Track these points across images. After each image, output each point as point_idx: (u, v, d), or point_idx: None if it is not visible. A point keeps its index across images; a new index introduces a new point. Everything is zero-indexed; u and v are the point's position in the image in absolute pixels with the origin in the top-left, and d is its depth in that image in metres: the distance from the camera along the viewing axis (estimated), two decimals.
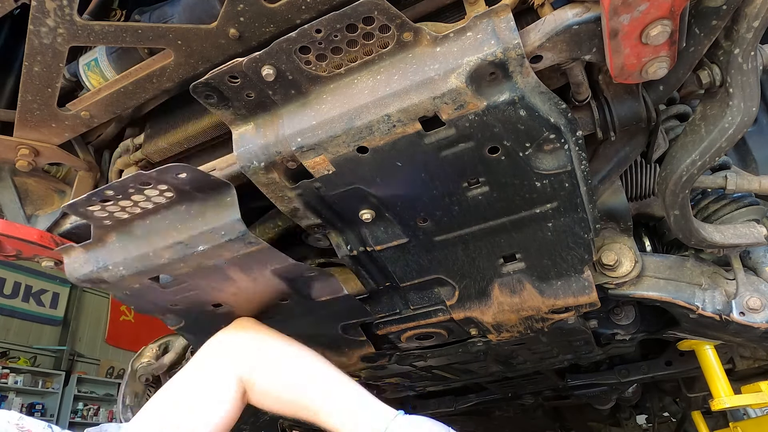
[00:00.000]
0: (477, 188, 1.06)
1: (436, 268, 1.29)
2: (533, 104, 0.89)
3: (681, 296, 1.31)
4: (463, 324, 1.47)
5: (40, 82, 1.09)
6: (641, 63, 0.85)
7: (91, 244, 1.18)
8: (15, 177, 1.36)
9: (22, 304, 10.21)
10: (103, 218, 1.10)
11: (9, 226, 1.26)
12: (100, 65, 1.16)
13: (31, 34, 1.00)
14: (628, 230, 1.34)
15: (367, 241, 1.22)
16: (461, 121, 0.91)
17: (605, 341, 1.82)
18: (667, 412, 3.56)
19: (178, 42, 1.00)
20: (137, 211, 1.10)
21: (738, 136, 0.97)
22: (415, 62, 0.89)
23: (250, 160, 1.01)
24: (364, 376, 1.95)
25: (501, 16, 0.85)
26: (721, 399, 1.77)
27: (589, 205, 1.10)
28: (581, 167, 1.02)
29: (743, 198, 1.38)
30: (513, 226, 1.16)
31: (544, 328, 1.46)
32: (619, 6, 0.76)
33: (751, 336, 1.30)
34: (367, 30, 0.88)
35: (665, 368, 2.27)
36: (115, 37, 1.01)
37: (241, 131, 1.03)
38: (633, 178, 1.37)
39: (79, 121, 1.19)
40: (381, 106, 0.91)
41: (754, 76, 0.94)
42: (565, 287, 1.30)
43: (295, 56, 0.91)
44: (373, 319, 1.48)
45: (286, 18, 0.94)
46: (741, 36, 0.91)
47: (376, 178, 1.03)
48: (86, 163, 1.36)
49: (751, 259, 1.33)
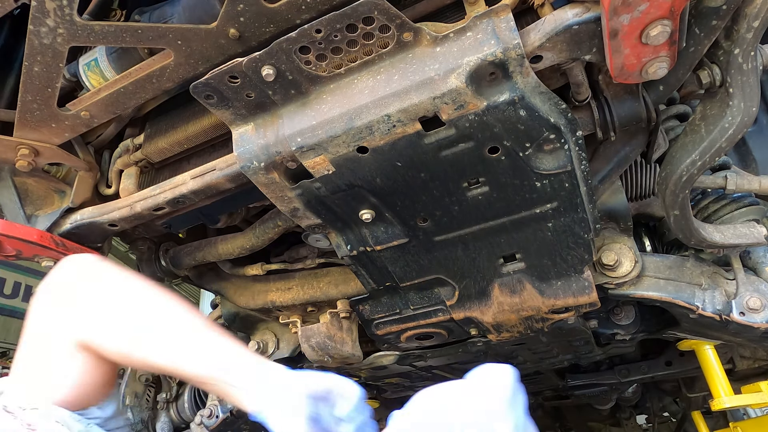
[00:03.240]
0: (477, 188, 1.06)
1: (436, 268, 1.29)
2: (533, 104, 0.89)
3: (681, 296, 1.31)
4: (463, 324, 1.47)
5: (40, 82, 1.09)
6: (641, 63, 0.85)
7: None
8: (15, 177, 1.35)
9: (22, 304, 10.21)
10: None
11: (9, 226, 1.26)
12: (100, 65, 1.16)
13: (31, 34, 1.00)
14: (628, 230, 1.34)
15: (367, 241, 1.22)
16: (461, 121, 0.91)
17: (605, 341, 1.82)
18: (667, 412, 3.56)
19: (178, 42, 1.00)
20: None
21: (738, 136, 0.97)
22: (415, 62, 0.89)
23: (250, 160, 1.01)
24: (364, 376, 1.95)
25: (501, 16, 0.85)
26: (721, 399, 1.77)
27: (589, 205, 1.10)
28: (581, 167, 1.02)
29: (743, 198, 1.38)
30: (513, 226, 1.16)
31: (544, 328, 1.46)
32: (619, 6, 0.76)
33: (751, 336, 1.30)
34: (367, 30, 0.88)
35: (665, 368, 2.27)
36: (115, 37, 1.01)
37: (241, 131, 1.03)
38: (633, 178, 1.37)
39: (79, 121, 1.19)
40: (381, 106, 0.91)
41: (754, 76, 0.94)
42: (565, 287, 1.30)
43: (295, 56, 0.91)
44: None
45: (286, 18, 0.94)
46: (741, 36, 0.91)
47: (376, 178, 1.03)
48: (86, 163, 1.36)
49: (751, 259, 1.33)
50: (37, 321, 1.03)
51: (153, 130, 1.33)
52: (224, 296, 1.76)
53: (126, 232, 1.47)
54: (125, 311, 0.96)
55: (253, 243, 1.46)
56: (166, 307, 0.97)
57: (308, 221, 1.17)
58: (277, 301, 1.63)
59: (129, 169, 1.36)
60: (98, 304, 0.98)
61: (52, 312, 1.00)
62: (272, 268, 1.63)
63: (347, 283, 1.56)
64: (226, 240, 1.53)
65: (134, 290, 1.00)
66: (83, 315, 0.97)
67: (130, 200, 1.29)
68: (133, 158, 1.34)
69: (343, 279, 1.57)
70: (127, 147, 1.36)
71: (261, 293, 1.66)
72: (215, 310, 2.04)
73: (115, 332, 0.95)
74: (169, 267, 1.63)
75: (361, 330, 1.62)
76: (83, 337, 0.96)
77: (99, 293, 0.99)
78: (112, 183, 1.40)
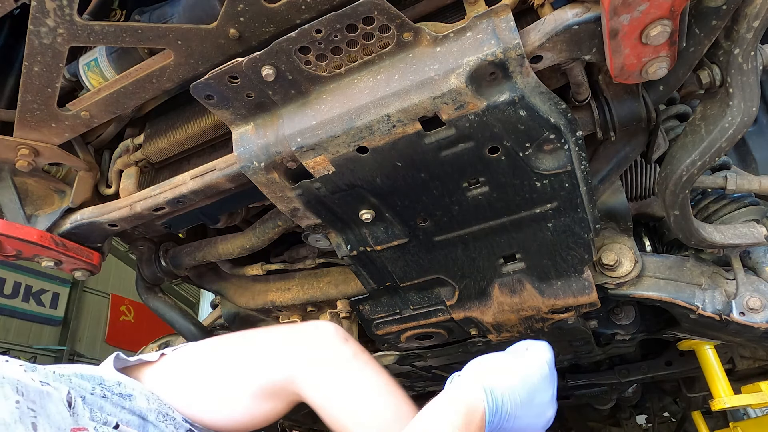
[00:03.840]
0: (477, 188, 1.06)
1: (436, 268, 1.29)
2: (533, 104, 0.89)
3: (681, 296, 1.31)
4: (463, 324, 1.47)
5: (40, 82, 1.09)
6: (641, 63, 0.85)
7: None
8: (15, 177, 1.35)
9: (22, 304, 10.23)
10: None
11: (9, 226, 1.26)
12: (100, 65, 1.16)
13: (31, 34, 1.00)
14: (628, 230, 1.34)
15: (367, 241, 1.22)
16: (461, 121, 0.90)
17: (605, 341, 1.82)
18: (667, 412, 3.56)
19: (178, 42, 1.00)
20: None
21: (738, 136, 0.97)
22: (415, 62, 0.89)
23: (250, 160, 1.01)
24: None
25: (501, 16, 0.85)
26: (721, 399, 1.76)
27: (589, 205, 1.10)
28: (581, 167, 1.02)
29: (743, 198, 1.38)
30: (513, 226, 1.16)
31: (544, 328, 1.46)
32: (619, 6, 0.76)
33: (751, 336, 1.30)
34: (367, 30, 0.88)
35: (665, 368, 2.27)
36: (115, 37, 1.01)
37: (241, 131, 1.03)
38: (633, 178, 1.37)
39: (79, 121, 1.19)
40: (381, 106, 0.91)
41: (754, 76, 0.94)
42: (565, 287, 1.30)
43: (295, 56, 0.91)
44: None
45: (286, 18, 0.94)
46: (741, 36, 0.91)
47: (376, 179, 1.03)
48: (86, 163, 1.36)
49: (751, 259, 1.33)
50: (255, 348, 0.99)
51: (153, 130, 1.33)
52: (224, 296, 1.76)
53: (126, 232, 1.47)
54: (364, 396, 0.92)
55: (253, 243, 1.46)
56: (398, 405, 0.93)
57: (308, 221, 1.17)
58: (277, 301, 1.63)
59: (129, 169, 1.36)
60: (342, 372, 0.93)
61: (283, 351, 0.96)
62: (272, 268, 1.63)
63: (347, 283, 1.56)
64: (226, 240, 1.53)
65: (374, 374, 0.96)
66: (318, 369, 0.93)
67: (130, 200, 1.29)
68: (133, 158, 1.34)
69: (343, 279, 1.57)
70: (127, 147, 1.36)
71: (261, 293, 1.66)
72: (215, 310, 2.04)
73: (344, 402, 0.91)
74: (169, 267, 1.63)
75: (361, 330, 1.62)
76: (301, 386, 0.92)
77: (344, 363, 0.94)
78: (112, 183, 1.40)
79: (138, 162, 1.35)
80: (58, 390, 0.72)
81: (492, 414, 0.79)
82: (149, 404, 0.86)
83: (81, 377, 0.81)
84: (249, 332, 1.04)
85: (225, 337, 1.04)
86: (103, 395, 0.80)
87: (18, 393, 0.65)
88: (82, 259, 1.39)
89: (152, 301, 1.75)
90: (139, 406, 0.84)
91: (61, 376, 0.78)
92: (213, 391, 0.94)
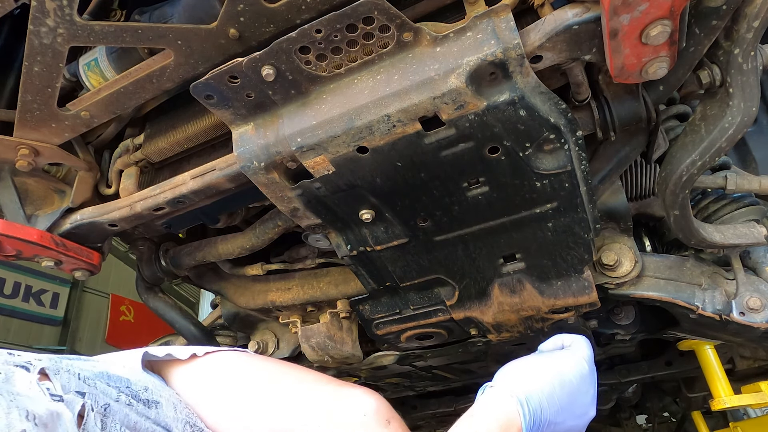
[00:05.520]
0: (477, 188, 1.06)
1: (436, 268, 1.29)
2: (533, 104, 0.89)
3: (681, 296, 1.31)
4: (463, 324, 1.47)
5: (40, 82, 1.09)
6: (641, 63, 0.85)
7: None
8: (15, 177, 1.35)
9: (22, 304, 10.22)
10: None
11: (9, 226, 1.26)
12: (100, 65, 1.16)
13: (31, 34, 1.00)
14: (628, 230, 1.34)
15: (367, 241, 1.22)
16: (461, 121, 0.90)
17: (605, 341, 1.82)
18: (667, 412, 3.55)
19: (178, 42, 1.00)
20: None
21: (738, 136, 0.97)
22: (415, 62, 0.89)
23: (250, 160, 1.01)
24: (364, 376, 1.95)
25: (501, 16, 0.85)
26: (721, 399, 1.76)
27: (589, 205, 1.10)
28: (581, 167, 1.02)
29: (743, 198, 1.37)
30: (513, 226, 1.16)
31: (544, 328, 1.46)
32: (619, 6, 0.76)
33: (751, 336, 1.30)
34: (367, 30, 0.88)
35: (665, 368, 2.26)
36: (115, 37, 1.01)
37: (241, 131, 1.03)
38: (633, 178, 1.37)
39: (79, 121, 1.19)
40: (381, 106, 0.91)
41: (754, 76, 0.94)
42: (565, 287, 1.30)
43: (295, 56, 0.91)
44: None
45: (286, 18, 0.94)
46: (741, 36, 0.91)
47: (376, 178, 1.03)
48: (86, 163, 1.36)
49: (751, 259, 1.33)
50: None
51: (153, 130, 1.33)
52: (224, 296, 1.76)
53: (126, 232, 1.47)
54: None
55: (253, 243, 1.46)
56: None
57: (308, 221, 1.17)
58: (277, 301, 1.63)
59: (129, 169, 1.36)
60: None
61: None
62: (272, 268, 1.63)
63: (347, 283, 1.56)
64: (226, 240, 1.53)
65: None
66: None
67: (130, 200, 1.29)
68: (133, 158, 1.34)
69: (343, 279, 1.57)
70: (127, 147, 1.36)
71: (261, 293, 1.66)
72: (215, 310, 2.04)
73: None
74: (169, 267, 1.63)
75: (361, 330, 1.62)
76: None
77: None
78: (112, 183, 1.40)
79: (138, 162, 1.35)
80: (72, 405, 0.68)
81: (529, 426, 0.74)
82: (176, 413, 0.81)
83: (107, 382, 0.76)
84: (298, 373, 0.94)
85: (270, 366, 0.95)
86: (128, 403, 0.76)
87: (28, 419, 0.61)
88: (82, 259, 1.39)
89: (152, 301, 1.75)
90: (165, 415, 0.80)
91: (86, 381, 0.73)
92: (244, 419, 0.87)
